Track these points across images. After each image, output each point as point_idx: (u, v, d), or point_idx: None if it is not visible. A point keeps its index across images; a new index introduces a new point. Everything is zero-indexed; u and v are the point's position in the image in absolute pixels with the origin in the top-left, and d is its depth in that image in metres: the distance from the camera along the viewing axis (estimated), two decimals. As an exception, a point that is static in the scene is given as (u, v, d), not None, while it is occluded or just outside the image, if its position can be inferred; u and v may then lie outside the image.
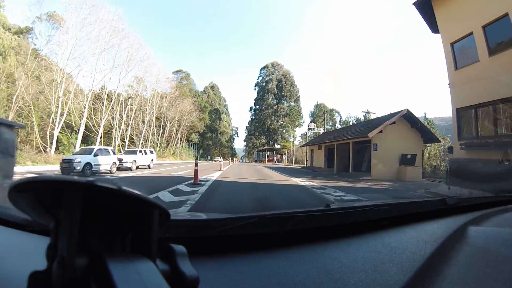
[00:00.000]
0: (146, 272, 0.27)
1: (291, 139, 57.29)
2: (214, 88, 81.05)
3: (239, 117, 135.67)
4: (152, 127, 40.62)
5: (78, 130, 24.92)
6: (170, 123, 45.97)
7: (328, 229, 0.75)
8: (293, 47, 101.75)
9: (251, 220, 0.68)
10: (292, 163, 37.91)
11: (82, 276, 0.26)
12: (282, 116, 61.87)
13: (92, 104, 27.94)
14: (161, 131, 44.01)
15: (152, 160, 16.93)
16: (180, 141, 51.51)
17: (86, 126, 27.04)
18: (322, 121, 47.73)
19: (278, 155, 53.89)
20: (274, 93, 65.13)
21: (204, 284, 0.34)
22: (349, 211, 0.86)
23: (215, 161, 47.47)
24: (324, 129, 30.86)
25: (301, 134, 60.90)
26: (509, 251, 0.59)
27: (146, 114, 38.19)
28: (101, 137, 28.26)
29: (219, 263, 0.57)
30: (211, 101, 75.93)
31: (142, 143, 38.19)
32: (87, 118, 26.46)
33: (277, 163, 41.84)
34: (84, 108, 25.38)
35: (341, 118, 60.01)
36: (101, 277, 0.26)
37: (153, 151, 18.03)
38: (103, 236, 0.31)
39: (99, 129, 28.57)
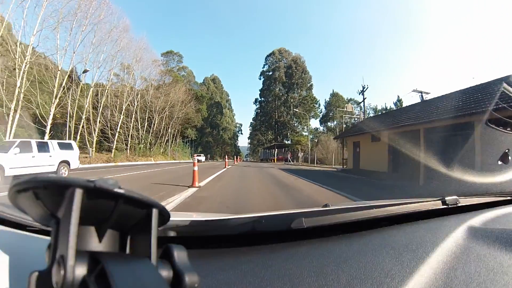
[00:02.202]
0: (146, 272, 0.27)
1: (305, 133, 48.39)
2: (216, 81, 72.87)
3: (243, 115, 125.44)
4: (132, 119, 32.36)
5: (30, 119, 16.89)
6: (159, 114, 37.90)
7: (327, 229, 0.73)
8: (302, 31, 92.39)
9: (250, 220, 0.68)
10: (311, 162, 29.27)
11: (82, 276, 0.26)
12: (293, 107, 53.08)
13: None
14: (146, 124, 35.71)
15: (67, 163, 8.59)
16: (173, 137, 43.42)
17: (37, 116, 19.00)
18: (362, 104, 38.81)
19: (289, 152, 45.44)
20: (283, 82, 56.44)
21: (204, 284, 0.33)
22: (348, 211, 0.83)
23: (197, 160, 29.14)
24: (364, 115, 22.10)
25: (312, 129, 51.93)
26: (510, 251, 0.59)
27: (124, 101, 29.90)
28: (50, 129, 20.06)
29: (219, 263, 0.57)
30: (212, 93, 67.71)
31: (118, 139, 30.13)
32: (29, 103, 18.40)
33: (290, 162, 33.06)
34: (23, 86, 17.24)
35: (361, 109, 51.15)
36: (101, 277, 0.26)
37: (73, 145, 9.34)
38: (103, 236, 0.31)
39: (66, 119, 20.59)
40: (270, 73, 59.46)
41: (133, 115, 32.37)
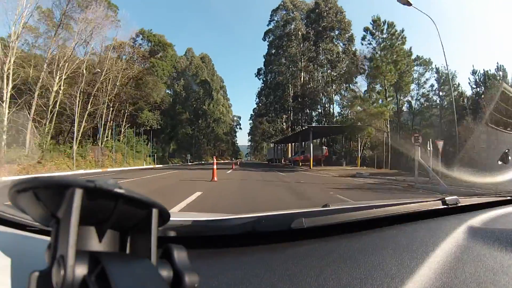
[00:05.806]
0: (146, 272, 0.27)
1: (372, 98, 20.54)
2: (205, 60, 52.13)
3: (243, 117, 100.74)
4: None
5: None
6: (61, 78, 18.13)
7: (327, 229, 0.74)
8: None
9: (250, 220, 0.69)
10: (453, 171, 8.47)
11: (82, 276, 0.26)
12: (330, 64, 32.06)
13: None
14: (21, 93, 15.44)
15: None
16: (109, 123, 23.77)
17: None
18: None
19: (325, 148, 24.95)
20: (302, 34, 35.56)
21: (203, 285, 0.35)
22: (348, 211, 0.84)
23: None
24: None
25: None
26: (510, 251, 0.60)
27: None
28: None
29: (219, 263, 0.57)
30: (196, 70, 47.29)
31: None
32: None
33: (434, 181, 9.41)
34: None
35: (438, 70, 29.69)
36: (101, 277, 0.26)
37: None
38: (103, 236, 0.31)
39: None
40: (281, 30, 38.62)
41: None
